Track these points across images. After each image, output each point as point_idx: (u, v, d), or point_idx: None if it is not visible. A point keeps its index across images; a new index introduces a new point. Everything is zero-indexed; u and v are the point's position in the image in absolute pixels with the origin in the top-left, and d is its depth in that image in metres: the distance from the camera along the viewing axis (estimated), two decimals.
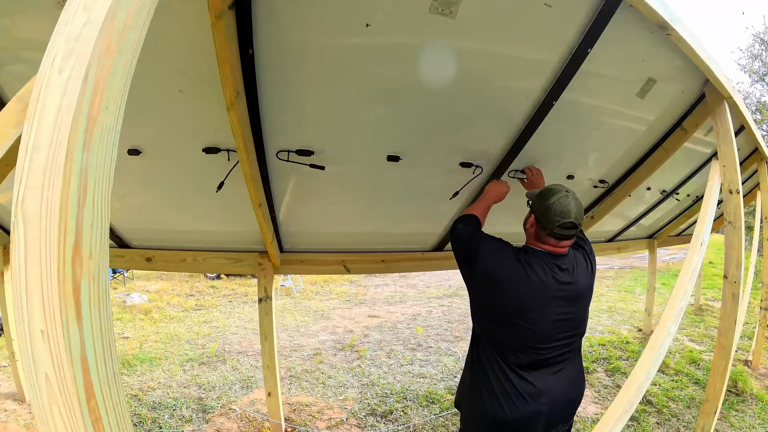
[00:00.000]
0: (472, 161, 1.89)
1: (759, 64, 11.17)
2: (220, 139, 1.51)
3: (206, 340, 5.20)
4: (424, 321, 6.25)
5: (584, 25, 1.26)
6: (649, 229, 5.13)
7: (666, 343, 1.24)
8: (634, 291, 8.84)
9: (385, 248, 2.53)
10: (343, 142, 1.61)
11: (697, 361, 4.61)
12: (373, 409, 3.36)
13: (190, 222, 2.19)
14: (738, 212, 1.93)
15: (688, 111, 2.07)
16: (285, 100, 1.34)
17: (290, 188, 1.83)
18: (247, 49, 1.13)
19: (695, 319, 6.46)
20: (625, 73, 1.59)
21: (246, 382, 3.86)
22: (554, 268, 1.37)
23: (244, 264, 2.31)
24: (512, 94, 1.54)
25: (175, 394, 3.56)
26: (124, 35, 0.46)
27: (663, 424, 3.22)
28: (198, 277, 9.48)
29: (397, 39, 1.20)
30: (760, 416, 3.38)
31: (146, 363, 4.27)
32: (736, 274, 1.93)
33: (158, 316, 6.33)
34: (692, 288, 1.44)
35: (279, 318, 6.42)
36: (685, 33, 1.36)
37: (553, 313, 1.34)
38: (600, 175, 2.51)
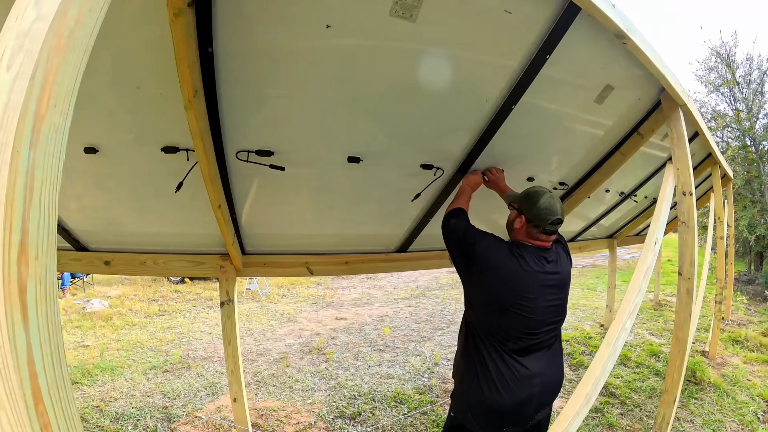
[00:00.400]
0: (433, 163, 1.91)
1: (715, 75, 11.87)
2: (179, 139, 1.47)
3: (170, 347, 5.04)
4: (391, 322, 6.29)
5: (543, 32, 1.29)
6: (609, 230, 5.36)
7: (622, 339, 1.29)
8: (596, 288, 9.22)
9: (349, 250, 2.53)
10: (304, 143, 1.60)
11: (657, 353, 4.85)
12: (341, 412, 3.35)
13: (149, 224, 2.11)
14: (691, 213, 2.03)
15: (644, 117, 2.17)
16: (245, 100, 1.32)
17: (251, 189, 1.80)
18: (207, 48, 1.11)
19: (654, 314, 6.80)
20: (584, 79, 1.65)
21: (212, 388, 3.77)
22: (542, 261, 1.51)
23: (206, 267, 2.25)
24: (472, 98, 1.56)
25: (138, 403, 3.43)
26: (75, 32, 0.44)
27: (626, 414, 3.37)
28: (161, 282, 9.16)
29: (358, 41, 1.19)
30: (717, 403, 3.60)
31: (108, 372, 4.10)
32: (690, 271, 2.04)
33: (120, 322, 6.08)
34: (646, 285, 1.51)
35: (245, 322, 6.29)
36: (641, 43, 1.43)
37: (545, 301, 1.48)
38: (560, 178, 2.59)
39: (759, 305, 7.96)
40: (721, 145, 11.29)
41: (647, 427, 3.12)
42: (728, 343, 5.32)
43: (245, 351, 4.88)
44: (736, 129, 11.26)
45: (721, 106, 12.00)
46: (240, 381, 2.38)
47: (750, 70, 11.12)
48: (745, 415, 3.39)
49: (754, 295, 8.84)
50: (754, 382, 4.09)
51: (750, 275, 11.05)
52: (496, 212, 2.54)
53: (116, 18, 1.00)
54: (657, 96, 2.02)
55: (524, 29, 1.28)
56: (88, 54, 0.47)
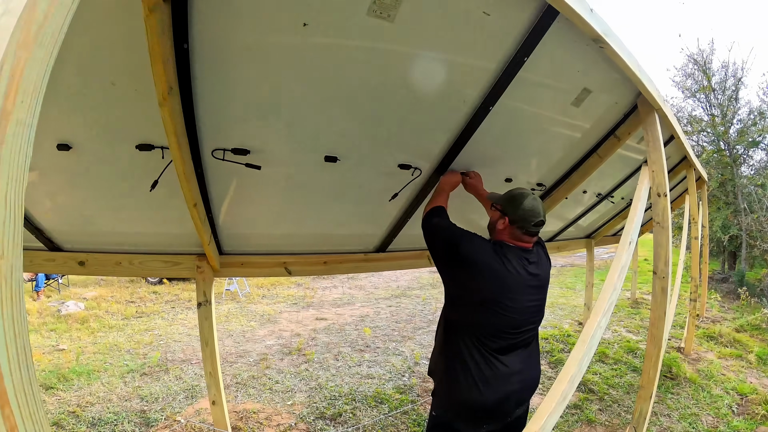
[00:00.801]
0: (410, 163, 1.92)
1: (691, 81, 12.27)
2: (154, 136, 1.43)
3: (148, 349, 4.94)
4: (372, 322, 6.30)
5: (522, 34, 1.30)
6: (587, 230, 5.48)
7: (597, 336, 1.32)
8: (575, 287, 9.42)
9: (328, 250, 2.51)
10: (280, 142, 1.58)
11: (634, 350, 4.97)
12: (321, 413, 3.34)
13: (125, 223, 2.06)
14: (666, 214, 2.08)
15: (621, 120, 2.22)
16: (221, 98, 1.30)
17: (228, 188, 1.77)
18: (182, 44, 1.08)
19: (632, 312, 6.99)
20: (562, 82, 1.68)
21: (191, 391, 3.71)
22: (525, 261, 1.53)
23: (182, 267, 2.21)
24: (450, 99, 1.57)
25: (115, 408, 3.35)
26: (44, 27, 0.43)
27: (605, 410, 3.44)
28: (139, 283, 8.97)
29: (335, 40, 1.19)
30: (693, 397, 3.72)
31: (84, 376, 3.99)
32: (665, 270, 2.09)
33: (96, 325, 5.92)
34: (621, 284, 1.54)
35: (224, 323, 6.21)
36: (618, 47, 1.45)
37: (526, 301, 1.50)
38: (538, 179, 2.63)
39: (732, 302, 8.25)
40: (696, 149, 11.67)
41: (625, 422, 3.19)
42: (703, 339, 5.51)
43: (225, 353, 4.82)
44: (711, 133, 11.66)
45: (697, 112, 12.42)
46: (219, 383, 2.34)
47: (725, 77, 11.52)
48: (720, 408, 3.51)
49: (727, 293, 9.16)
50: (728, 376, 4.24)
51: (723, 274, 11.44)
52: (475, 213, 2.57)
53: (89, 12, 0.97)
54: (634, 100, 2.07)
55: (503, 31, 1.29)
56: (58, 49, 0.46)
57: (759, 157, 11.96)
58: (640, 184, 2.01)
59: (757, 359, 4.74)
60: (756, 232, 10.02)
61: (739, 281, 9.68)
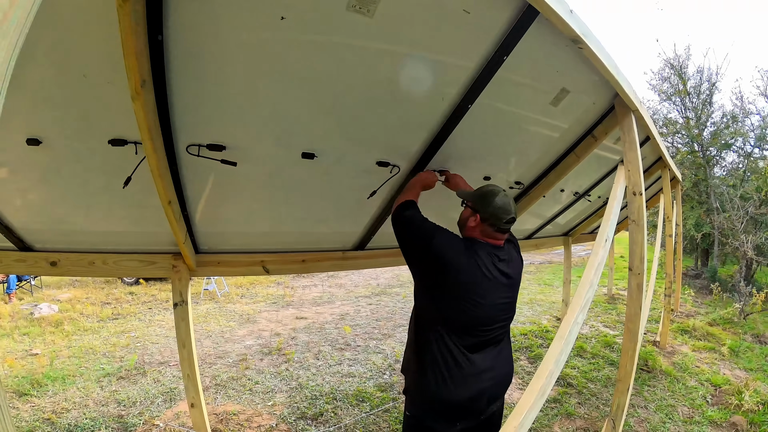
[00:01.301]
0: (389, 160, 1.91)
1: (668, 85, 12.66)
2: (127, 131, 1.39)
3: (125, 352, 4.82)
4: (352, 320, 6.30)
5: (502, 33, 1.31)
6: (564, 228, 5.59)
7: (574, 332, 1.34)
8: (553, 284, 9.63)
9: (306, 248, 2.48)
10: (257, 138, 1.55)
11: (611, 344, 5.11)
12: (303, 413, 3.32)
13: (98, 222, 1.99)
14: (641, 212, 2.13)
15: (598, 120, 2.26)
16: (197, 92, 1.26)
17: (204, 185, 1.73)
18: (156, 36, 1.05)
19: (608, 307, 7.18)
20: (540, 82, 1.70)
21: (169, 394, 3.64)
22: (495, 259, 1.53)
23: (158, 266, 2.15)
24: (429, 96, 1.57)
25: (92, 413, 3.26)
26: (9, 14, 0.41)
27: (584, 403, 3.53)
28: (114, 283, 8.74)
29: (313, 34, 1.17)
30: (669, 389, 3.85)
31: (59, 381, 3.88)
32: (640, 267, 2.15)
33: (71, 328, 5.73)
34: (597, 280, 1.57)
35: (203, 324, 6.12)
36: (596, 48, 1.47)
37: (497, 298, 1.50)
38: (516, 177, 2.66)
39: (705, 298, 8.56)
40: (671, 150, 12.05)
41: (604, 415, 3.28)
42: (677, 333, 5.70)
43: (203, 354, 4.75)
44: (685, 135, 12.06)
45: (672, 114, 12.82)
46: (197, 385, 2.29)
47: (700, 82, 11.92)
48: (695, 399, 3.65)
49: (700, 289, 9.51)
50: (702, 368, 4.40)
51: (697, 270, 11.86)
52: (453, 210, 2.59)
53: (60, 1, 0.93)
54: (611, 101, 2.11)
55: (482, 30, 1.29)
56: (24, 38, 0.44)
57: (731, 158, 12.47)
58: (616, 183, 2.05)
59: (730, 351, 4.93)
60: (727, 231, 10.41)
61: (712, 277, 10.06)
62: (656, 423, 3.21)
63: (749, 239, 9.30)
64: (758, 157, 12.11)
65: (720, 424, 3.24)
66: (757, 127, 12.22)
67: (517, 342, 5.18)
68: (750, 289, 7.32)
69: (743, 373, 4.35)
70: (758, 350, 5.15)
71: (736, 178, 11.34)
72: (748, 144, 12.05)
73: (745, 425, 3.18)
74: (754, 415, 3.31)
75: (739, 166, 12.01)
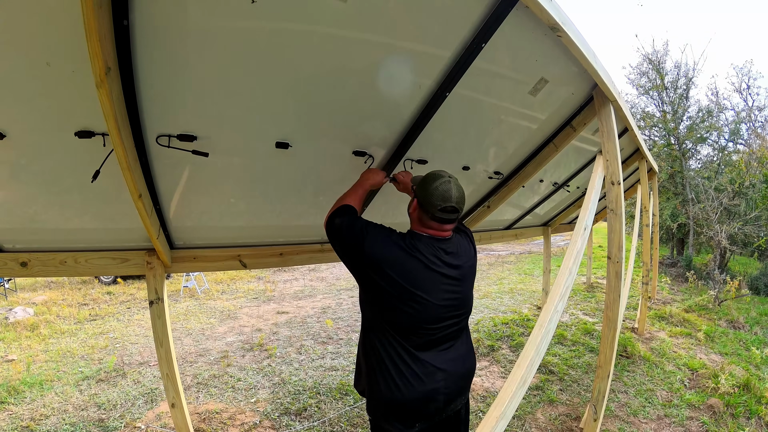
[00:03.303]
0: (365, 150, 1.88)
1: (646, 79, 12.97)
2: (95, 122, 1.32)
3: (103, 354, 4.69)
4: (334, 313, 6.28)
5: (480, 20, 1.30)
6: (544, 218, 5.66)
7: (554, 321, 1.35)
8: (533, 273, 9.79)
9: (283, 241, 2.44)
10: (229, 128, 1.50)
11: (591, 331, 5.22)
12: (286, 408, 3.28)
13: (69, 219, 1.91)
14: (619, 201, 2.17)
15: (577, 111, 2.28)
16: (166, 80, 1.21)
17: (177, 178, 1.67)
18: (122, 20, 1.00)
19: (587, 295, 7.34)
20: (520, 71, 1.69)
21: (150, 395, 3.55)
22: (439, 252, 1.42)
23: (131, 264, 2.07)
24: (405, 85, 1.54)
25: (72, 418, 3.16)
26: None
27: (565, 390, 3.60)
28: (92, 283, 8.50)
29: (286, 20, 1.13)
30: (648, 374, 3.96)
31: (36, 387, 3.75)
32: (618, 255, 2.18)
33: (47, 331, 5.56)
34: (576, 269, 1.59)
35: (183, 322, 6.01)
36: (575, 37, 1.47)
37: (442, 293, 1.40)
38: (495, 167, 2.67)
39: (681, 285, 8.85)
40: (648, 143, 12.37)
41: (585, 401, 3.35)
42: (655, 319, 5.86)
43: (184, 352, 4.66)
44: (662, 129, 12.39)
45: (650, 108, 13.16)
46: (176, 385, 2.23)
47: (678, 77, 12.25)
48: (673, 384, 3.76)
49: (676, 277, 9.82)
50: (679, 353, 4.54)
51: (673, 259, 12.24)
52: None
53: None
54: (590, 91, 2.13)
55: (460, 16, 1.28)
56: None
57: (706, 152, 12.91)
58: (594, 172, 2.08)
59: (705, 336, 5.11)
60: (702, 221, 10.76)
61: (687, 265, 10.39)
62: (636, 407, 3.29)
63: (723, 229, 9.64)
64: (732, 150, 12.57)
65: (697, 406, 3.35)
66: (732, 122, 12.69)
67: (498, 331, 5.25)
68: (724, 276, 7.60)
69: (719, 357, 4.51)
70: (732, 335, 5.35)
71: (711, 171, 11.73)
72: (722, 138, 12.50)
73: (721, 407, 3.29)
74: (730, 397, 3.43)
75: (714, 159, 12.43)
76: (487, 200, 3.11)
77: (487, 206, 3.14)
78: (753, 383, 3.59)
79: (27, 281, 8.53)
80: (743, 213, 10.01)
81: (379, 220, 1.66)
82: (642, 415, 3.18)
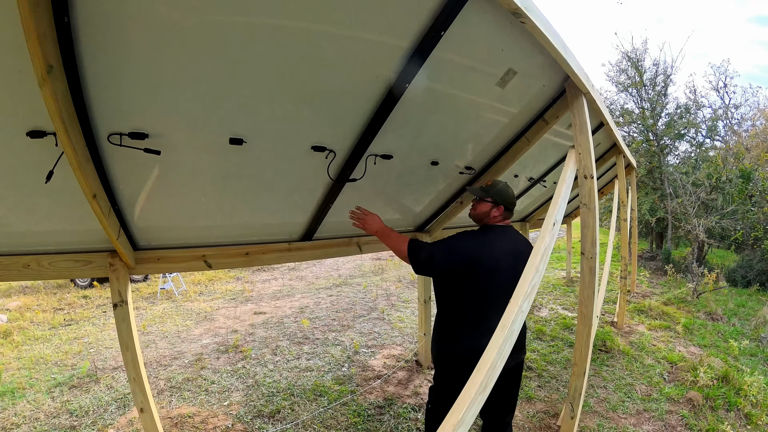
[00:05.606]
0: (325, 145, 1.83)
1: (625, 77, 13.14)
2: (45, 122, 1.26)
3: (77, 359, 4.55)
4: (311, 313, 6.20)
5: (437, 6, 1.24)
6: (521, 213, 5.67)
7: (518, 322, 1.30)
8: None
9: (249, 240, 2.38)
10: (179, 124, 1.44)
11: (570, 326, 5.25)
12: (259, 411, 3.22)
13: (29, 221, 1.83)
14: (592, 195, 2.13)
15: (549, 104, 2.25)
16: (113, 77, 1.16)
17: (133, 177, 1.60)
18: (63, 17, 0.96)
19: (567, 290, 7.41)
20: (485, 61, 1.64)
21: (123, 400, 3.46)
22: (505, 237, 1.89)
23: (95, 266, 2.00)
24: (362, 77, 1.49)
25: (43, 426, 3.06)
26: None
27: (543, 386, 3.59)
28: (67, 287, 8.25)
29: (235, 11, 1.08)
30: (627, 368, 3.98)
31: (7, 395, 3.62)
32: (592, 251, 2.15)
33: (20, 337, 5.37)
34: (544, 267, 1.54)
35: (159, 324, 5.87)
36: (541, 23, 1.40)
37: (509, 268, 1.78)
38: (466, 162, 2.63)
39: (660, 278, 9.01)
40: (627, 139, 12.56)
41: (563, 397, 3.35)
42: (634, 313, 5.93)
43: (158, 356, 4.54)
44: (640, 125, 12.58)
45: (629, 105, 13.35)
46: (144, 389, 2.15)
47: (656, 74, 12.45)
48: (652, 377, 3.79)
49: (655, 270, 10.00)
50: (658, 346, 4.59)
51: (652, 252, 12.48)
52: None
53: None
54: (562, 84, 2.09)
55: (416, 3, 1.21)
56: None
57: (684, 147, 13.18)
58: (566, 166, 2.04)
59: (684, 329, 5.18)
60: (680, 215, 10.99)
61: (666, 259, 10.60)
62: (615, 402, 3.30)
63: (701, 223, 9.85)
64: (709, 146, 12.87)
65: (677, 400, 3.38)
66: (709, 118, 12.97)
67: None
68: (702, 269, 7.75)
69: (698, 350, 4.57)
70: (711, 327, 5.44)
71: (689, 166, 11.96)
72: (700, 134, 12.77)
73: (700, 400, 3.32)
74: (709, 390, 3.47)
75: (692, 155, 12.69)
76: (459, 196, 3.07)
77: (460, 202, 3.10)
78: (732, 375, 3.64)
79: (1, 287, 8.23)
80: (720, 207, 10.25)
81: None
82: (621, 410, 3.19)
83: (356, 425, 2.98)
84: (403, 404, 3.27)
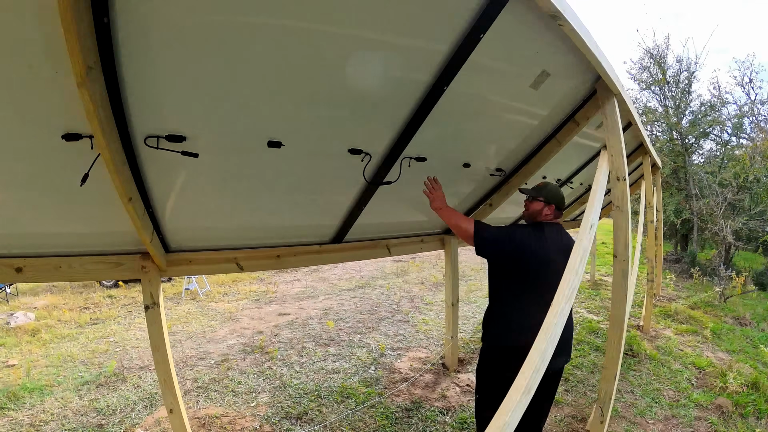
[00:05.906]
0: (361, 148, 1.84)
1: (647, 74, 12.86)
2: (81, 125, 1.28)
3: (104, 358, 4.64)
4: (335, 315, 6.20)
5: (477, 10, 1.24)
6: None
7: (560, 325, 1.29)
8: None
9: (280, 242, 2.40)
10: (218, 127, 1.46)
11: (595, 330, 5.15)
12: (287, 412, 3.23)
13: (62, 224, 1.87)
14: (624, 197, 2.10)
15: (580, 105, 2.22)
16: (151, 80, 1.17)
17: (169, 180, 1.63)
18: (102, 18, 0.96)
19: (591, 293, 7.25)
20: (520, 63, 1.63)
21: (150, 400, 3.50)
22: (554, 233, 2.00)
23: (125, 268, 2.04)
24: (401, 80, 1.50)
25: (71, 424, 3.12)
26: None
27: (570, 390, 3.53)
28: (93, 287, 8.45)
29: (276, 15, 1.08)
30: (654, 373, 3.89)
31: (36, 392, 3.70)
32: (624, 253, 2.12)
33: (48, 336, 5.51)
34: (583, 269, 1.53)
35: (184, 325, 5.95)
36: (577, 26, 1.41)
37: (558, 261, 1.77)
38: (496, 164, 2.62)
39: (686, 281, 8.76)
40: (651, 138, 12.26)
41: (591, 401, 3.29)
42: (660, 317, 5.78)
43: (184, 356, 4.60)
44: (664, 124, 12.28)
45: (651, 103, 13.04)
46: (174, 390, 2.19)
47: (679, 71, 12.13)
48: (680, 383, 3.69)
49: (681, 273, 9.73)
50: (685, 351, 4.46)
51: (677, 255, 12.14)
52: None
53: None
54: (592, 84, 2.07)
55: (456, 7, 1.22)
56: None
57: (709, 146, 12.79)
58: (599, 168, 2.02)
59: (712, 334, 5.02)
60: (706, 216, 10.67)
61: (691, 262, 10.30)
62: (643, 407, 3.23)
63: (728, 224, 9.55)
64: (735, 145, 12.45)
65: (705, 406, 3.28)
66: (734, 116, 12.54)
67: None
68: (729, 272, 7.51)
69: (726, 355, 4.43)
70: (739, 332, 5.27)
71: (714, 165, 11.61)
72: (725, 132, 12.37)
73: (730, 407, 3.22)
74: (739, 396, 3.36)
75: (717, 154, 12.31)
76: (489, 198, 3.05)
77: (489, 204, 3.08)
78: (762, 382, 3.52)
79: (28, 286, 8.53)
80: (748, 208, 9.92)
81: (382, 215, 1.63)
82: (649, 416, 3.12)
83: (384, 428, 2.98)
84: (431, 407, 3.26)
